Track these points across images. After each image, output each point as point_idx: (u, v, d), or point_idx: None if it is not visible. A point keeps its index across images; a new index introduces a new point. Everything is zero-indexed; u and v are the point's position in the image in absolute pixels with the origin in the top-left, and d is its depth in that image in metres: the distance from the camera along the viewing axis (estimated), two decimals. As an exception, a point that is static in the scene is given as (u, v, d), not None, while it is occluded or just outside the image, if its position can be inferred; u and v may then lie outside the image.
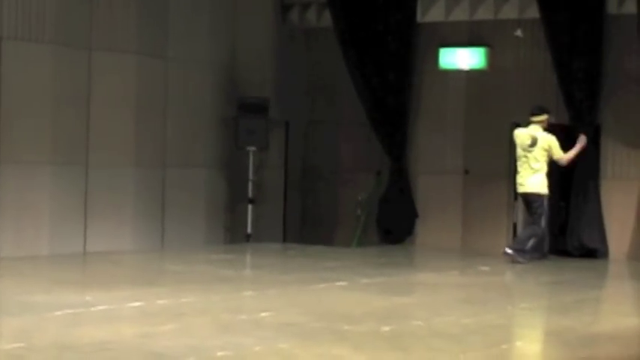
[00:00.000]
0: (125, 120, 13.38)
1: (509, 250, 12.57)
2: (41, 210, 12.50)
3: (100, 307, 8.43)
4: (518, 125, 13.11)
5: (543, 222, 12.64)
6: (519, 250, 12.52)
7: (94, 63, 13.03)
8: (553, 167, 12.93)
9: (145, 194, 13.61)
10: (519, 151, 12.80)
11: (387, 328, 7.76)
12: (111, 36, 13.17)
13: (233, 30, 14.77)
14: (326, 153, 15.70)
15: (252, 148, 14.57)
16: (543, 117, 12.81)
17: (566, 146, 12.96)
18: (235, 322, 7.96)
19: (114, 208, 13.21)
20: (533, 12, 13.77)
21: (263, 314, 8.28)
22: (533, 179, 12.70)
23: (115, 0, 13.19)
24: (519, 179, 12.82)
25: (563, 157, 12.82)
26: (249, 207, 14.61)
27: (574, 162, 13.07)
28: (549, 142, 12.74)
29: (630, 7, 13.14)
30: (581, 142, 13.00)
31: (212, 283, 10.24)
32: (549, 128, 12.86)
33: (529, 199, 12.80)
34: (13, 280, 10.44)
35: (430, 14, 14.73)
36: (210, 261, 12.65)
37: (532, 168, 12.71)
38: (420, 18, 14.75)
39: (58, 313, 8.08)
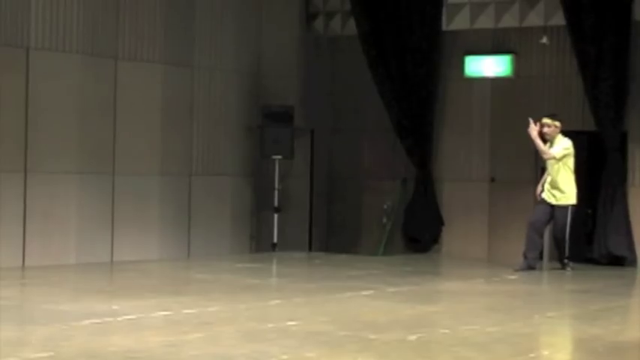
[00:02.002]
0: (151, 129, 13.44)
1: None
2: (68, 219, 12.58)
3: (127, 316, 8.46)
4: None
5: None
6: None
7: (120, 72, 13.10)
8: (579, 175, 12.85)
9: (171, 203, 13.66)
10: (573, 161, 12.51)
11: (413, 337, 7.74)
12: (137, 45, 13.24)
13: (258, 39, 14.81)
14: (351, 161, 15.71)
15: (277, 157, 14.59)
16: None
17: (593, 153, 12.90)
18: (261, 331, 7.96)
19: (140, 216, 13.28)
20: (559, 19, 13.74)
21: (289, 323, 8.28)
22: None
23: (141, 10, 13.27)
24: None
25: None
26: (275, 215, 14.63)
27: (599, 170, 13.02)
28: None
29: (656, 14, 13.10)
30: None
31: (238, 292, 10.26)
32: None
33: None
34: (41, 289, 10.50)
35: (455, 22, 14.73)
36: (236, 270, 12.67)
37: None
38: (445, 26, 14.75)
39: (85, 321, 8.12)
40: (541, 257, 13.06)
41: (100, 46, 12.88)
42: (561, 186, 12.38)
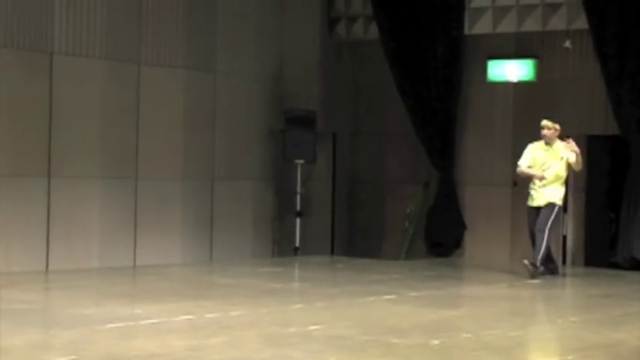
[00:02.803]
0: (174, 133, 13.49)
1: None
2: (91, 223, 12.63)
3: (150, 320, 8.49)
4: (563, 138, 12.67)
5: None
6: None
7: (143, 77, 13.15)
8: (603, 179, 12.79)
9: (193, 207, 13.70)
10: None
11: (435, 342, 7.73)
12: (160, 50, 13.29)
13: (280, 43, 14.84)
14: (373, 165, 15.70)
15: (299, 161, 14.60)
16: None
17: (617, 157, 12.82)
18: (283, 335, 7.97)
19: (163, 221, 13.32)
20: (582, 23, 13.69)
21: (311, 327, 8.29)
22: None
23: (163, 15, 13.32)
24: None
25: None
26: (297, 219, 14.64)
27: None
28: None
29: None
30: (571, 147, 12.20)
31: (260, 296, 10.27)
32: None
33: None
34: (64, 292, 10.55)
35: (477, 26, 14.71)
36: (258, 274, 12.69)
37: None
38: (467, 30, 14.73)
39: (108, 325, 8.15)
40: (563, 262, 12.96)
41: (122, 51, 12.94)
42: (553, 186, 12.22)
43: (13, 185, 11.94)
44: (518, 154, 14.45)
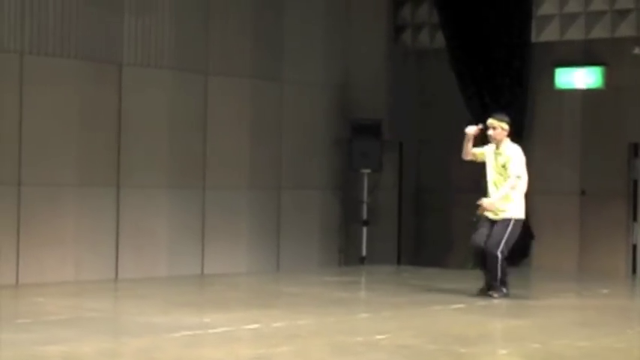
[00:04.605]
0: (241, 143, 13.57)
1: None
2: (159, 232, 12.75)
3: (218, 329, 8.54)
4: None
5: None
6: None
7: (210, 87, 13.26)
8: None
9: (260, 216, 13.76)
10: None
11: (503, 351, 7.68)
12: (227, 60, 13.39)
13: (346, 52, 14.86)
14: (439, 173, 15.64)
15: (366, 170, 14.60)
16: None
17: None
18: (350, 345, 7.97)
19: (230, 230, 13.40)
20: (651, 29, 13.54)
21: (378, 336, 8.28)
22: None
23: (230, 25, 13.42)
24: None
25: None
26: (364, 229, 14.64)
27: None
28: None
29: None
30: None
31: (327, 306, 10.28)
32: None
33: None
34: (133, 301, 10.66)
35: (545, 34, 14.60)
36: (324, 283, 12.71)
37: None
38: (534, 37, 14.62)
39: (177, 334, 8.22)
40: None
41: (190, 61, 13.06)
42: (505, 198, 10.84)
43: (82, 195, 12.10)
44: (587, 162, 14.36)
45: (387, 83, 15.34)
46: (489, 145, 11.11)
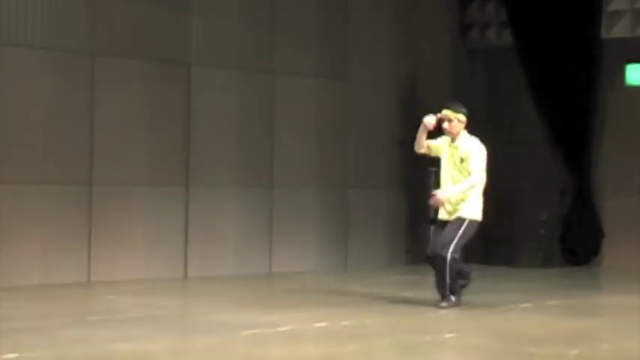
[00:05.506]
0: (308, 142, 13.60)
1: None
2: (228, 231, 12.84)
3: (286, 327, 8.58)
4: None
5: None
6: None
7: (277, 86, 13.32)
8: None
9: (327, 215, 13.79)
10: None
11: (574, 352, 7.61)
12: (293, 60, 13.43)
13: (413, 50, 14.81)
14: (507, 172, 15.49)
15: (433, 168, 14.52)
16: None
17: None
18: (418, 344, 7.95)
19: (297, 229, 13.44)
20: None
21: (446, 335, 8.26)
22: None
23: (297, 24, 13.46)
24: None
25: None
26: (431, 228, 14.56)
27: None
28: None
29: None
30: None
31: (394, 305, 10.26)
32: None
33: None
34: (201, 299, 10.74)
35: (615, 30, 14.41)
36: (391, 282, 12.68)
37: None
38: (604, 34, 14.45)
39: (245, 332, 8.26)
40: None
41: (257, 61, 13.12)
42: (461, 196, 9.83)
43: (152, 194, 12.23)
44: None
45: (453, 82, 15.26)
46: (443, 137, 10.10)
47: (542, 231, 15.06)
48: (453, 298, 9.75)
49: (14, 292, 10.61)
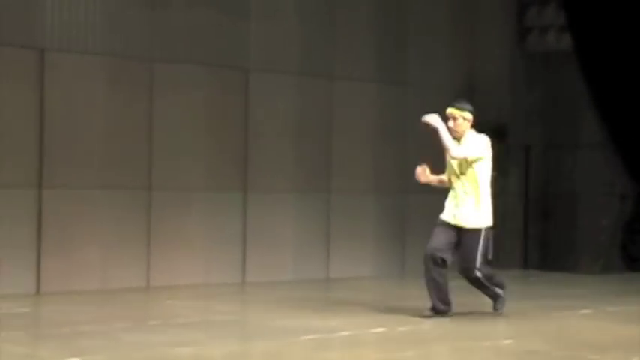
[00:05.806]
0: (366, 146, 13.61)
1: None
2: (285, 236, 12.87)
3: (344, 332, 8.58)
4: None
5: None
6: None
7: (335, 91, 13.33)
8: None
9: (385, 221, 13.78)
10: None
11: (635, 359, 7.53)
12: (352, 64, 13.45)
13: (471, 54, 14.76)
14: (567, 177, 15.40)
15: (493, 173, 14.45)
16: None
17: None
18: (477, 349, 7.92)
19: (355, 234, 13.45)
20: None
21: (505, 341, 8.21)
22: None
23: (355, 29, 13.47)
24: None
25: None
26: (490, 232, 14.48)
27: None
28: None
29: None
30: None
31: (453, 309, 10.21)
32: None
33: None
34: (260, 304, 10.78)
35: (677, 33, 14.24)
36: (450, 287, 12.61)
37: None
38: (665, 37, 14.28)
39: (304, 337, 8.28)
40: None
41: (315, 66, 13.15)
42: (470, 201, 9.52)
43: (210, 200, 12.31)
44: None
45: (512, 86, 15.18)
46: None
47: (602, 237, 14.92)
48: (501, 291, 9.63)
49: (74, 297, 10.74)
